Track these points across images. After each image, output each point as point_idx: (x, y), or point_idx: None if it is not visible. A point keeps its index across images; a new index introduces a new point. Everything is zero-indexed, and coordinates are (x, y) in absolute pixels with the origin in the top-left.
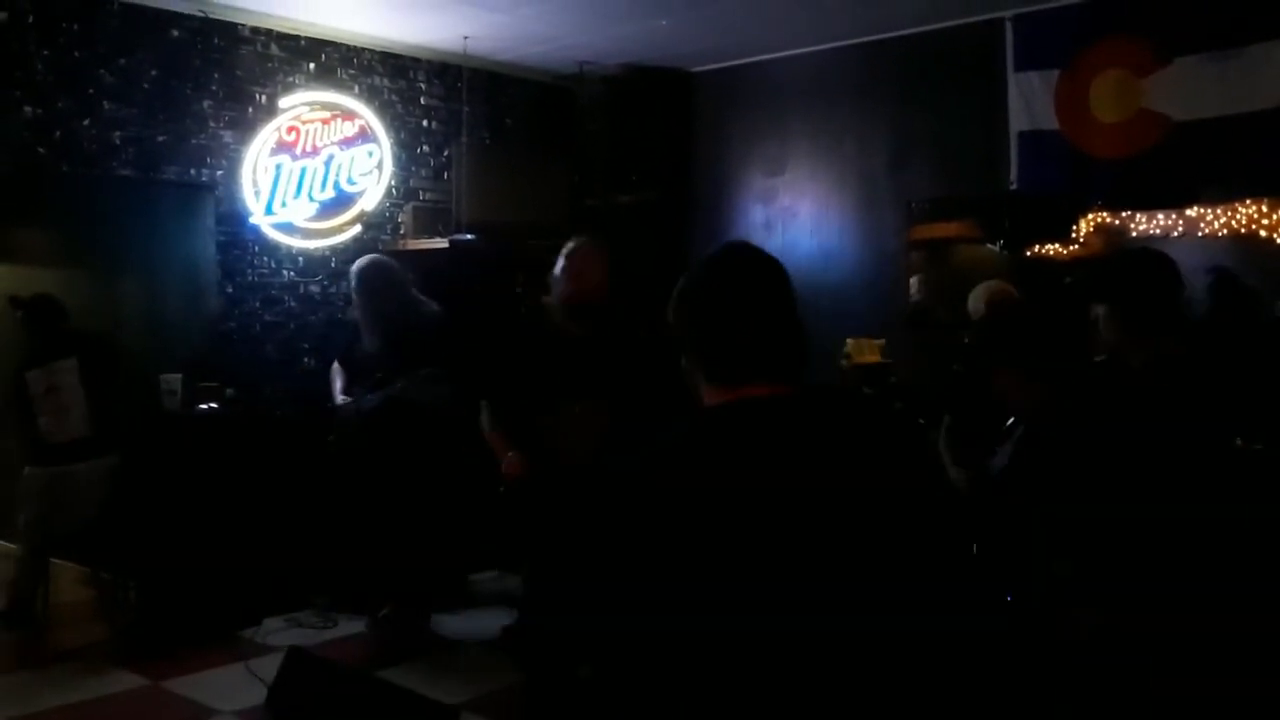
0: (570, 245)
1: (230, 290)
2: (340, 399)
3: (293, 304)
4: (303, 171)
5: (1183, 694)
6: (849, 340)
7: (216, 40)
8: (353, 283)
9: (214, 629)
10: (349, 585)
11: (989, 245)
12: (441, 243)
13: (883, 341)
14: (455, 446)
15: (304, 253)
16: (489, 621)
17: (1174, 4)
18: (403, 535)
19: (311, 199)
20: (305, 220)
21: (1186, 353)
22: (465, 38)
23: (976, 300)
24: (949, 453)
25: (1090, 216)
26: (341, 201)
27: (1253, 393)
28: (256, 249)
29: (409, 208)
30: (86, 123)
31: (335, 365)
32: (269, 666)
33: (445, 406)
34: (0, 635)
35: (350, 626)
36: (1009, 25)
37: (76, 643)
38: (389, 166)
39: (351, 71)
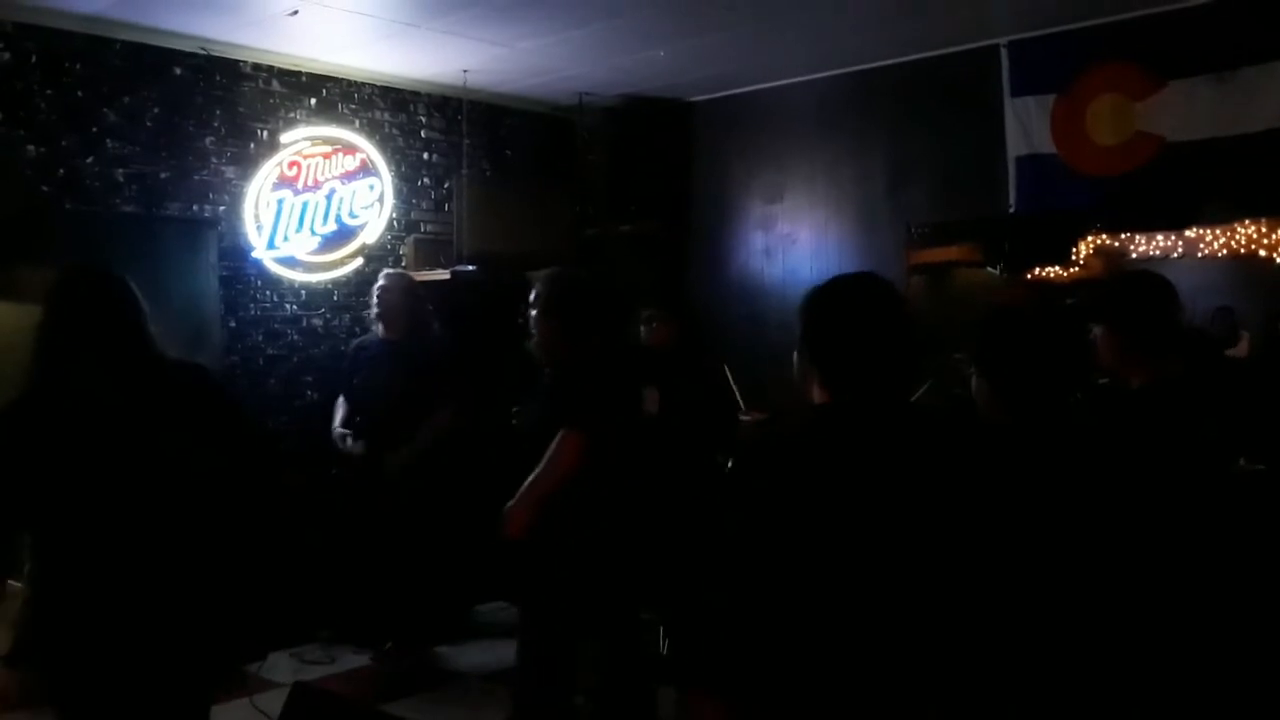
0: None
1: (233, 324)
2: (339, 431)
3: (296, 337)
4: (304, 206)
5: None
6: None
7: (218, 77)
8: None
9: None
10: (353, 619)
11: (989, 268)
12: (443, 274)
13: None
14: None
15: (306, 286)
16: (494, 653)
17: (1167, 28)
18: (407, 567)
19: (313, 233)
20: (307, 254)
21: (1185, 374)
22: (465, 71)
23: None
24: None
25: (1089, 239)
26: (343, 235)
27: (1253, 413)
28: (259, 283)
29: (410, 240)
30: (90, 160)
31: (340, 399)
32: (274, 702)
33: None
34: (2, 675)
35: (355, 660)
36: (1005, 51)
37: None
38: (390, 199)
39: (352, 106)
